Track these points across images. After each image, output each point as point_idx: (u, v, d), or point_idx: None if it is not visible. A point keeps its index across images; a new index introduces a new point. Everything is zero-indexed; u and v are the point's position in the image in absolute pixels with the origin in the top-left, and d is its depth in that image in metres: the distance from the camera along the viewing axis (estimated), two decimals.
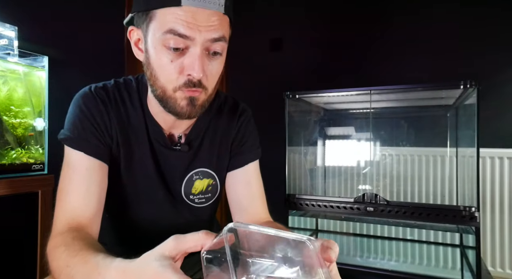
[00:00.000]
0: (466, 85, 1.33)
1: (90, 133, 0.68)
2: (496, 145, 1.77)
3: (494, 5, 1.86)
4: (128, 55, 1.82)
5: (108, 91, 0.72)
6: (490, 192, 1.78)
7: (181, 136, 0.76)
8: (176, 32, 0.59)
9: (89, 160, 0.66)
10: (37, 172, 1.24)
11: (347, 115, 2.08)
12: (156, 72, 0.64)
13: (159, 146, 0.74)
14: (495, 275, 1.74)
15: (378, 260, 1.70)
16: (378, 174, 1.99)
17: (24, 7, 1.32)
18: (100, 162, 0.68)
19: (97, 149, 0.68)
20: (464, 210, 1.32)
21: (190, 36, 0.59)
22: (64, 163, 0.68)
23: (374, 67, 2.11)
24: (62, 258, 0.56)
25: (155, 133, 0.74)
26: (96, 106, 0.69)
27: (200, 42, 0.60)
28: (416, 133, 1.97)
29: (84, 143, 0.67)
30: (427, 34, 1.98)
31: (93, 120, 0.68)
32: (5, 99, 1.18)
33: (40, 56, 1.27)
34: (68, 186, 0.65)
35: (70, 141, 0.67)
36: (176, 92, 0.63)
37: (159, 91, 0.65)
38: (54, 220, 0.64)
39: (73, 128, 0.68)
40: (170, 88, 0.63)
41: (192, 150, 0.77)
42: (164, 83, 0.64)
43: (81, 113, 0.68)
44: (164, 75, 0.63)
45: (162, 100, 0.66)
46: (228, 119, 0.82)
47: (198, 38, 0.60)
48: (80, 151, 0.66)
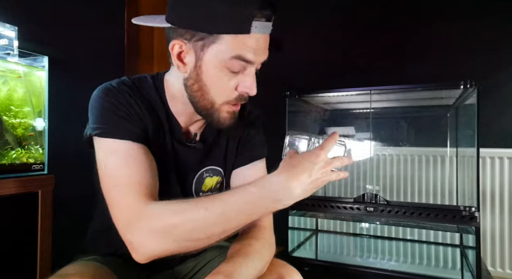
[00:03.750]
0: (466, 85, 1.33)
1: (128, 121, 0.67)
2: (496, 145, 1.77)
3: (494, 5, 1.86)
4: (128, 55, 1.82)
5: (129, 85, 0.72)
6: (490, 192, 1.78)
7: (196, 134, 0.79)
8: (244, 58, 0.65)
9: (136, 146, 0.66)
10: (37, 172, 1.24)
11: (347, 115, 2.08)
12: (208, 88, 0.68)
13: (175, 142, 0.76)
14: (495, 275, 1.74)
15: (378, 260, 1.70)
16: (378, 174, 1.99)
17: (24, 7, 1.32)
18: (145, 147, 0.68)
19: (140, 135, 0.67)
20: (464, 210, 1.32)
21: (253, 61, 0.66)
22: (105, 155, 0.65)
23: (374, 67, 2.11)
24: (190, 209, 0.58)
25: (174, 129, 0.76)
26: (124, 98, 0.69)
27: (257, 65, 0.68)
28: (416, 133, 1.97)
29: (126, 131, 0.66)
30: (427, 34, 1.98)
31: (128, 110, 0.68)
32: (5, 99, 1.18)
33: (40, 56, 1.27)
34: (125, 171, 0.63)
35: (110, 133, 0.65)
36: (223, 105, 0.69)
37: (206, 103, 0.69)
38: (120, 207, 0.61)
39: (109, 119, 0.66)
40: (221, 102, 0.69)
41: (205, 147, 0.80)
42: (215, 97, 0.68)
43: (112, 105, 0.67)
44: (217, 91, 0.68)
45: (207, 111, 0.70)
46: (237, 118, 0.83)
47: (257, 61, 0.68)
48: (125, 139, 0.65)
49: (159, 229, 0.58)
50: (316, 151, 0.62)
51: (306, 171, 0.60)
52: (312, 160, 0.61)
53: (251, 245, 0.69)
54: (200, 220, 0.58)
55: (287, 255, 1.65)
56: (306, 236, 2.00)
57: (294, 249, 1.76)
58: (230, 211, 0.59)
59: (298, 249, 1.79)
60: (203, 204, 0.59)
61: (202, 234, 0.59)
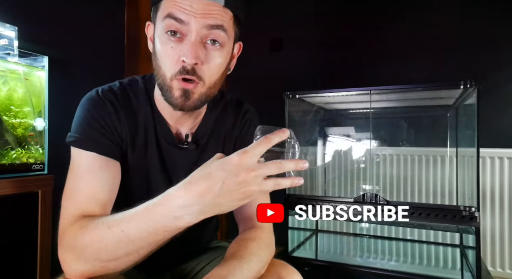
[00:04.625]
0: (466, 85, 1.33)
1: (100, 133, 0.68)
2: (496, 145, 1.77)
3: (494, 5, 1.86)
4: (128, 55, 1.82)
5: (115, 92, 0.73)
6: (490, 192, 1.78)
7: (188, 135, 0.77)
8: (173, 15, 0.62)
9: (101, 159, 0.67)
10: (37, 172, 1.24)
11: (347, 115, 2.08)
12: (159, 61, 0.66)
13: (166, 144, 0.75)
14: (495, 275, 1.74)
15: (378, 260, 1.70)
16: (378, 174, 1.99)
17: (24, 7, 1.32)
18: (113, 160, 0.68)
19: (109, 148, 0.68)
20: (464, 210, 1.32)
21: (185, 20, 0.62)
22: (73, 165, 0.67)
23: (374, 67, 2.11)
24: (99, 228, 0.56)
25: (163, 132, 0.75)
26: (104, 108, 0.70)
27: (196, 29, 0.63)
28: (416, 133, 1.97)
29: (95, 143, 0.67)
30: (427, 34, 1.98)
31: (102, 121, 0.69)
32: (5, 99, 1.18)
33: (40, 56, 1.27)
34: (79, 184, 0.65)
35: (81, 143, 0.67)
36: (173, 81, 0.65)
37: (160, 80, 0.67)
38: (63, 217, 0.63)
39: (82, 130, 0.68)
40: (168, 76, 0.65)
41: (198, 149, 0.78)
42: (164, 71, 0.66)
43: (89, 116, 0.69)
44: (164, 63, 0.65)
45: (162, 89, 0.67)
46: (233, 119, 0.83)
47: (193, 23, 0.62)
48: (92, 151, 0.66)
49: (76, 247, 0.57)
50: (232, 156, 0.49)
51: (212, 182, 0.49)
52: (224, 168, 0.49)
53: (247, 247, 0.68)
54: (103, 240, 0.55)
55: (287, 255, 1.65)
56: (306, 236, 2.00)
57: (294, 249, 1.76)
58: (130, 229, 0.54)
59: (298, 249, 1.79)
60: (108, 222, 0.56)
61: (108, 255, 0.55)
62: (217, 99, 0.82)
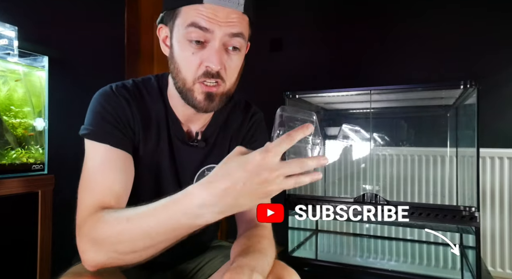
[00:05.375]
0: (466, 85, 1.33)
1: (113, 126, 0.69)
2: (496, 145, 1.77)
3: (494, 5, 1.86)
4: (128, 55, 1.82)
5: (128, 88, 0.75)
6: (490, 192, 1.78)
7: (198, 133, 0.79)
8: (197, 25, 0.64)
9: (115, 151, 0.68)
10: (37, 172, 1.24)
11: (347, 115, 2.08)
12: (179, 65, 0.68)
13: (177, 141, 0.77)
14: (495, 275, 1.74)
15: (378, 260, 1.70)
16: (378, 174, 1.99)
17: (24, 7, 1.32)
18: (126, 153, 0.69)
19: (121, 140, 0.69)
20: (464, 210, 1.32)
21: (210, 29, 0.64)
22: (87, 157, 0.68)
23: (374, 67, 2.11)
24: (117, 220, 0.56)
25: (175, 129, 0.77)
26: (117, 102, 0.71)
27: (219, 37, 0.65)
28: (416, 133, 1.97)
29: (108, 136, 0.68)
30: (427, 34, 1.98)
31: (115, 115, 0.70)
32: (5, 99, 1.18)
33: (40, 56, 1.27)
34: (94, 176, 0.65)
35: (94, 135, 0.68)
36: (195, 84, 0.68)
37: (180, 83, 0.69)
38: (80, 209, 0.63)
39: (96, 123, 0.69)
40: (190, 80, 0.67)
41: (207, 147, 0.80)
42: (185, 75, 0.67)
43: (103, 110, 0.70)
44: (185, 67, 0.67)
45: (182, 92, 0.69)
46: (240, 119, 0.85)
47: (217, 32, 0.65)
48: (105, 143, 0.67)
49: (95, 238, 0.57)
50: (254, 155, 0.48)
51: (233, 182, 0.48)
52: (246, 168, 0.48)
53: (261, 243, 0.69)
54: (123, 233, 0.55)
55: (287, 255, 1.65)
56: (306, 236, 2.00)
57: (294, 249, 1.76)
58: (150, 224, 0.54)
59: (298, 249, 1.79)
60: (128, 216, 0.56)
61: (126, 248, 0.56)
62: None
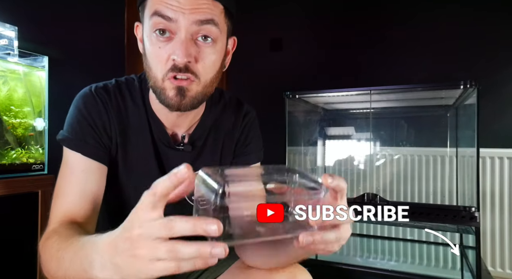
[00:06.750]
0: (466, 85, 1.33)
1: (88, 134, 0.67)
2: (496, 145, 1.77)
3: (494, 6, 1.86)
4: (128, 55, 1.82)
5: (109, 90, 0.71)
6: (490, 192, 1.78)
7: (184, 136, 0.75)
8: (160, 13, 0.59)
9: (86, 161, 0.66)
10: (37, 172, 1.24)
11: (347, 115, 2.08)
12: (149, 62, 0.64)
13: (162, 145, 0.73)
14: (495, 275, 1.74)
15: (378, 260, 1.70)
16: (378, 174, 1.99)
17: (24, 7, 1.32)
18: (98, 163, 0.67)
19: (95, 150, 0.67)
20: (464, 210, 1.32)
21: (173, 18, 0.59)
22: (63, 163, 0.67)
23: (374, 67, 2.11)
24: (54, 246, 0.55)
25: (158, 133, 0.72)
26: (95, 107, 0.68)
27: (185, 26, 0.60)
28: (416, 133, 1.97)
29: (81, 144, 0.66)
30: (427, 34, 1.98)
31: (92, 121, 0.67)
32: (5, 99, 1.18)
33: (40, 56, 1.27)
34: (64, 187, 0.65)
35: (68, 142, 0.67)
36: (165, 81, 0.62)
37: (152, 82, 0.64)
38: (49, 220, 0.63)
39: (71, 129, 0.67)
40: (160, 77, 0.62)
41: (195, 150, 0.75)
42: (155, 72, 0.63)
43: (79, 114, 0.68)
44: (154, 63, 0.63)
45: (155, 91, 0.65)
46: (232, 120, 0.80)
47: (181, 20, 0.59)
48: (77, 152, 0.66)
49: (44, 258, 0.58)
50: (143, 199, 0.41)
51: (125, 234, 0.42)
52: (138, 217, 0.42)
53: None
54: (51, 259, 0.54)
55: None
56: None
57: None
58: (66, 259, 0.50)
59: None
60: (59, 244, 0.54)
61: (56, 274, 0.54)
62: (216, 99, 0.80)
